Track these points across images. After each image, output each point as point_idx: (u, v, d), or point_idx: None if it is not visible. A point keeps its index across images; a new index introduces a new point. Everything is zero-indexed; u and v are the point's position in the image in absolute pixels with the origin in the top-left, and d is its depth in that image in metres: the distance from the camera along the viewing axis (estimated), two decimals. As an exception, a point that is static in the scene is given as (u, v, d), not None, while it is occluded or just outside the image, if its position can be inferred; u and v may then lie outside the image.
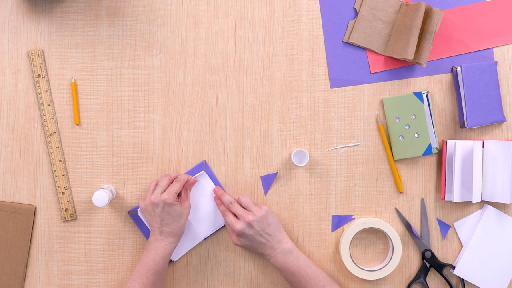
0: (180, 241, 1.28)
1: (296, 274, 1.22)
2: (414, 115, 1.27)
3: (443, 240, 1.30)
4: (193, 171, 1.29)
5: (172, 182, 1.24)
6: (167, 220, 1.21)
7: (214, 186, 1.28)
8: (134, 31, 1.29)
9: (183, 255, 1.30)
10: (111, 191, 1.25)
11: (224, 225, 1.29)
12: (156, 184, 1.25)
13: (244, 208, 1.25)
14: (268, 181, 1.30)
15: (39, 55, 1.28)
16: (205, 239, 1.29)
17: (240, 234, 1.23)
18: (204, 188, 1.28)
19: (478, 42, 1.29)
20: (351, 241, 1.29)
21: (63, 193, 1.28)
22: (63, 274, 1.30)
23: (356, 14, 1.29)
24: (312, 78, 1.29)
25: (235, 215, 1.25)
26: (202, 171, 1.28)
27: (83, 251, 1.30)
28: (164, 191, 1.22)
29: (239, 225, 1.22)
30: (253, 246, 1.24)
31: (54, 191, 1.29)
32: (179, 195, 1.24)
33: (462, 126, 1.28)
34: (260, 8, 1.29)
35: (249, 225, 1.22)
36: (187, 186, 1.25)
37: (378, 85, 1.29)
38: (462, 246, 1.30)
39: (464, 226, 1.29)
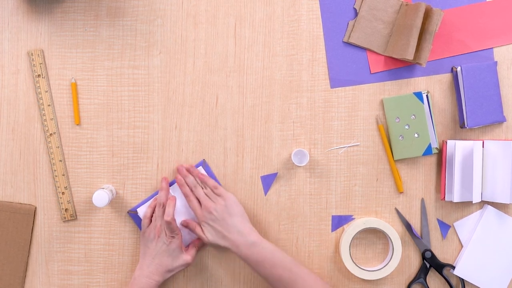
0: (181, 241, 1.27)
1: (260, 263, 1.17)
2: (414, 115, 1.27)
3: (443, 240, 1.30)
4: (193, 171, 1.29)
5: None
6: (162, 254, 1.20)
7: None
8: (134, 31, 1.29)
9: (183, 255, 1.30)
10: (111, 191, 1.25)
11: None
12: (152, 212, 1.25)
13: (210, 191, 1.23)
14: (268, 181, 1.30)
15: (39, 55, 1.28)
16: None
17: (202, 222, 1.21)
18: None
19: (478, 42, 1.29)
20: (351, 241, 1.29)
21: (63, 193, 1.28)
22: (63, 274, 1.30)
23: (356, 14, 1.29)
24: (312, 78, 1.29)
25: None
26: (200, 167, 1.28)
27: (83, 251, 1.30)
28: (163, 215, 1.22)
29: (201, 213, 1.20)
30: (217, 238, 1.20)
31: (54, 191, 1.29)
32: (188, 246, 1.25)
33: (462, 126, 1.28)
34: (260, 8, 1.29)
35: (210, 213, 1.19)
36: (197, 243, 1.25)
37: (378, 85, 1.29)
38: (462, 246, 1.30)
39: (464, 226, 1.29)
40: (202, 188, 1.24)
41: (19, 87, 1.29)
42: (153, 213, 1.25)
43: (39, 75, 1.28)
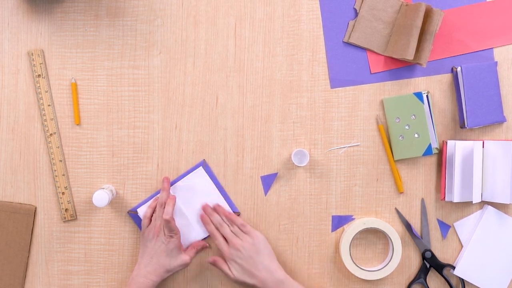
0: (180, 241, 1.27)
1: None
2: (414, 115, 1.27)
3: (443, 240, 1.30)
4: (192, 171, 1.29)
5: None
6: (161, 254, 1.20)
7: (213, 184, 1.28)
8: (134, 31, 1.29)
9: (183, 255, 1.30)
10: (111, 191, 1.25)
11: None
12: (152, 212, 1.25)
13: (236, 230, 1.24)
14: (268, 181, 1.30)
15: (39, 55, 1.28)
16: (204, 238, 1.29)
17: (229, 260, 1.21)
18: (201, 186, 1.28)
19: (478, 42, 1.29)
20: (351, 241, 1.29)
21: (63, 193, 1.28)
22: (63, 274, 1.30)
23: (356, 14, 1.29)
24: (312, 78, 1.29)
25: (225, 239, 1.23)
26: (200, 168, 1.28)
27: (83, 251, 1.30)
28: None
29: (228, 251, 1.21)
30: (244, 275, 1.20)
31: (54, 191, 1.29)
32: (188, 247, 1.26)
33: (462, 126, 1.28)
34: (260, 8, 1.29)
35: (238, 250, 1.20)
36: (196, 245, 1.25)
37: (378, 85, 1.29)
38: (462, 246, 1.30)
39: (464, 226, 1.29)
40: (228, 226, 1.25)
41: (19, 87, 1.29)
42: (153, 213, 1.25)
43: (39, 75, 1.28)
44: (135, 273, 1.21)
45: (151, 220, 1.25)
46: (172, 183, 1.28)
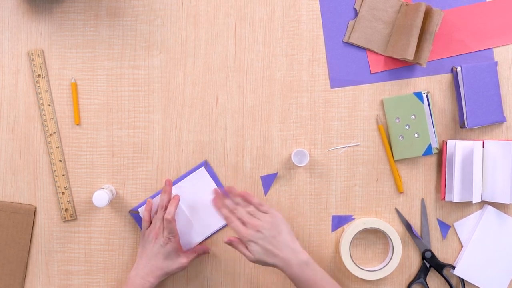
0: (181, 241, 1.27)
1: (312, 284, 1.13)
2: (414, 115, 1.27)
3: (443, 240, 1.30)
4: (194, 171, 1.29)
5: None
6: (159, 257, 1.20)
7: (214, 184, 1.28)
8: (134, 31, 1.29)
9: (183, 255, 1.30)
10: (111, 191, 1.25)
11: (224, 226, 1.29)
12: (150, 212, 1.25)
13: (252, 210, 1.18)
14: (268, 181, 1.30)
15: (39, 55, 1.28)
16: (205, 239, 1.29)
17: (249, 243, 1.14)
18: (203, 186, 1.28)
19: (478, 42, 1.29)
20: (351, 241, 1.29)
21: (63, 193, 1.28)
22: (63, 274, 1.30)
23: (356, 14, 1.29)
24: (312, 78, 1.29)
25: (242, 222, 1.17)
26: (202, 168, 1.28)
27: (83, 251, 1.30)
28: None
29: (246, 232, 1.14)
30: (266, 257, 1.14)
31: (54, 191, 1.29)
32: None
33: (462, 126, 1.28)
34: (260, 8, 1.29)
35: (258, 231, 1.14)
36: (197, 249, 1.25)
37: (378, 85, 1.29)
38: (462, 246, 1.30)
39: (464, 226, 1.29)
40: (243, 208, 1.19)
41: (19, 87, 1.29)
42: (150, 215, 1.25)
43: (39, 75, 1.28)
44: (133, 274, 1.21)
45: (151, 222, 1.25)
46: (174, 183, 1.28)
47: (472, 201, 1.25)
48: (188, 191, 1.28)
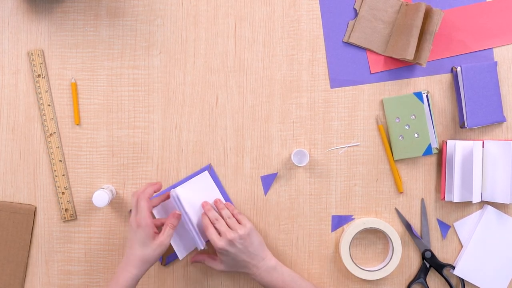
0: (182, 242, 1.27)
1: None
2: (414, 115, 1.27)
3: (443, 240, 1.30)
4: (197, 174, 1.29)
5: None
6: (134, 245, 1.16)
7: (217, 189, 1.28)
8: (134, 31, 1.29)
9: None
10: (111, 191, 1.25)
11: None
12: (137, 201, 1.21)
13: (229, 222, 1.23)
14: (268, 181, 1.30)
15: (39, 55, 1.28)
16: (207, 242, 1.29)
17: (221, 252, 1.20)
18: (206, 190, 1.28)
19: (478, 42, 1.29)
20: (351, 241, 1.29)
21: (63, 193, 1.28)
22: (63, 274, 1.30)
23: (356, 14, 1.29)
24: (312, 78, 1.29)
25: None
26: (205, 171, 1.28)
27: (83, 251, 1.30)
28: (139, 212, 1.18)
29: (220, 242, 1.19)
30: (235, 266, 1.22)
31: (54, 191, 1.29)
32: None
33: (462, 126, 1.28)
34: (260, 8, 1.29)
35: (231, 243, 1.19)
36: (172, 222, 1.20)
37: (378, 85, 1.29)
38: (462, 246, 1.30)
39: (464, 226, 1.29)
40: (225, 219, 1.24)
41: (19, 87, 1.29)
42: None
43: (39, 75, 1.28)
44: (118, 268, 1.18)
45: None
46: (176, 185, 1.28)
47: (472, 201, 1.25)
48: (191, 194, 1.28)
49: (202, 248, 1.23)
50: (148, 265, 1.17)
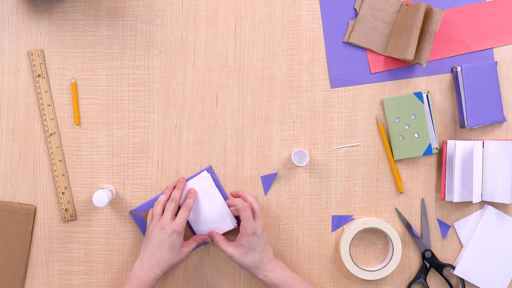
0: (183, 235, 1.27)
1: (279, 286, 1.22)
2: (414, 115, 1.27)
3: (443, 240, 1.30)
4: (197, 175, 1.29)
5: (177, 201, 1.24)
6: (164, 248, 1.20)
7: (217, 190, 1.28)
8: (134, 31, 1.29)
9: (183, 255, 1.30)
10: (111, 191, 1.25)
11: (226, 230, 1.28)
12: (162, 205, 1.24)
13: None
14: (268, 181, 1.30)
15: (39, 55, 1.28)
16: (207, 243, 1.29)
17: (254, 234, 1.20)
18: (205, 191, 1.28)
19: (478, 42, 1.29)
20: (351, 241, 1.29)
21: (63, 193, 1.28)
22: (63, 274, 1.30)
23: (356, 14, 1.29)
24: (312, 78, 1.29)
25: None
26: (205, 171, 1.28)
27: (83, 251, 1.30)
28: (173, 217, 1.22)
29: (258, 225, 1.20)
30: (251, 255, 1.21)
31: (54, 191, 1.29)
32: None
33: (462, 126, 1.28)
34: (260, 8, 1.29)
35: (263, 230, 1.21)
36: (198, 238, 1.25)
37: (378, 85, 1.29)
38: (462, 246, 1.30)
39: (464, 226, 1.29)
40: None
41: (19, 87, 1.29)
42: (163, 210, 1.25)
43: (39, 75, 1.28)
44: (137, 267, 1.21)
45: (163, 211, 1.24)
46: (188, 179, 1.28)
47: (472, 201, 1.25)
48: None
49: (233, 227, 1.26)
50: (170, 268, 1.22)
